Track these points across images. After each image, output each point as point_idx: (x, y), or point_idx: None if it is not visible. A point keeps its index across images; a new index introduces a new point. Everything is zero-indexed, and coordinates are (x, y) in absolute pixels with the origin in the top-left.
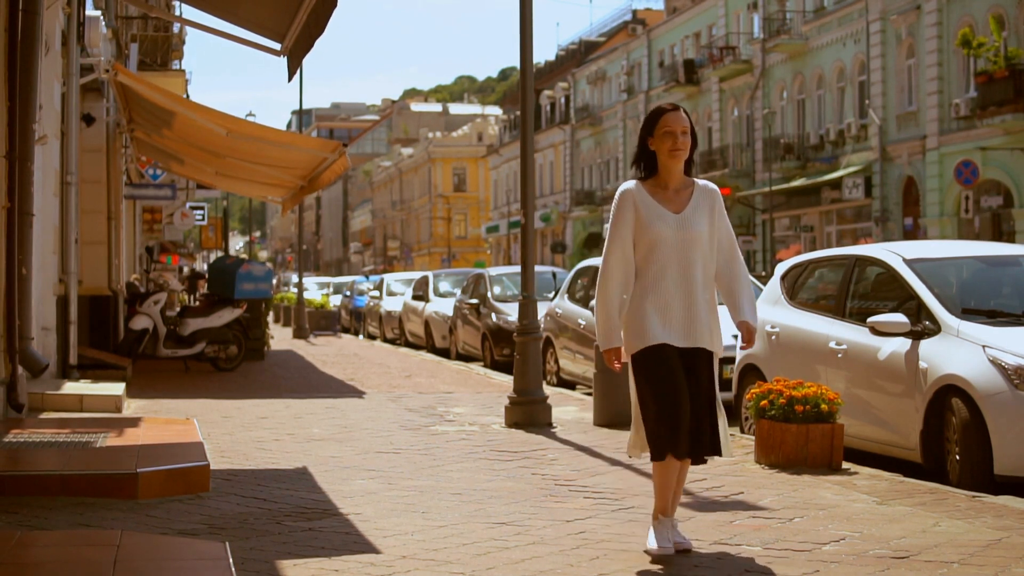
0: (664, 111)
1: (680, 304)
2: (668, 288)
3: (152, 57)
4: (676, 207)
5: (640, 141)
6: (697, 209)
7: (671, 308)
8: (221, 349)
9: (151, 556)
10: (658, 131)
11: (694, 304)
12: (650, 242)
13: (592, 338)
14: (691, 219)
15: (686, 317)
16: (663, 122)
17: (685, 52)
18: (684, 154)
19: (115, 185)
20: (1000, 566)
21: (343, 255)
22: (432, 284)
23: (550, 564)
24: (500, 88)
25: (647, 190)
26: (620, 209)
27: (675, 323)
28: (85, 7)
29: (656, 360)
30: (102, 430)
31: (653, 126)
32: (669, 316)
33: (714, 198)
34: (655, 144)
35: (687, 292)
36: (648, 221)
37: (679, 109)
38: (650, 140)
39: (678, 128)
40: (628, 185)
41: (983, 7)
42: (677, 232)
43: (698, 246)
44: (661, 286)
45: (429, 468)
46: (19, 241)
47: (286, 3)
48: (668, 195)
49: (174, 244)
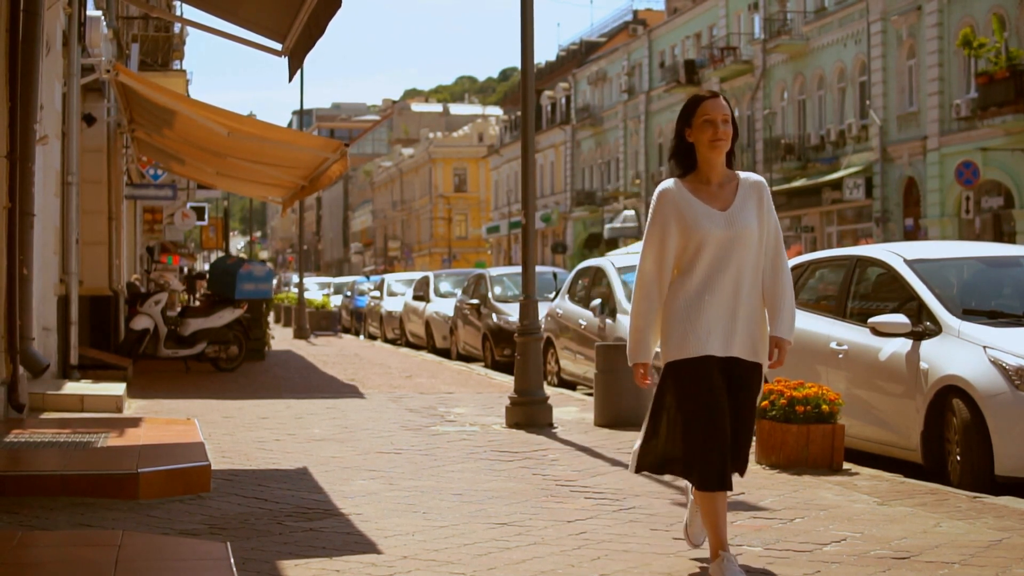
0: (702, 98)
1: (728, 309)
2: (716, 292)
3: (153, 57)
4: (722, 203)
5: (677, 134)
6: (745, 204)
7: (718, 314)
8: (222, 349)
9: (152, 556)
10: (697, 120)
11: (742, 309)
12: (697, 243)
13: (592, 338)
14: (739, 216)
15: (733, 324)
16: (702, 110)
17: (686, 52)
18: (726, 145)
19: (116, 185)
20: (1001, 567)
21: (344, 255)
22: (433, 284)
23: (551, 564)
24: (501, 88)
25: (688, 187)
26: (659, 211)
27: (721, 330)
28: (86, 7)
29: (699, 375)
30: (103, 430)
31: (691, 115)
32: (715, 323)
33: (761, 191)
34: (694, 135)
35: (735, 296)
36: (693, 221)
37: (718, 96)
38: (688, 131)
39: (718, 116)
40: (667, 184)
41: (984, 7)
42: (725, 231)
43: (748, 245)
44: (708, 290)
45: (430, 468)
46: (20, 241)
47: (287, 3)
48: (711, 191)
49: (175, 244)
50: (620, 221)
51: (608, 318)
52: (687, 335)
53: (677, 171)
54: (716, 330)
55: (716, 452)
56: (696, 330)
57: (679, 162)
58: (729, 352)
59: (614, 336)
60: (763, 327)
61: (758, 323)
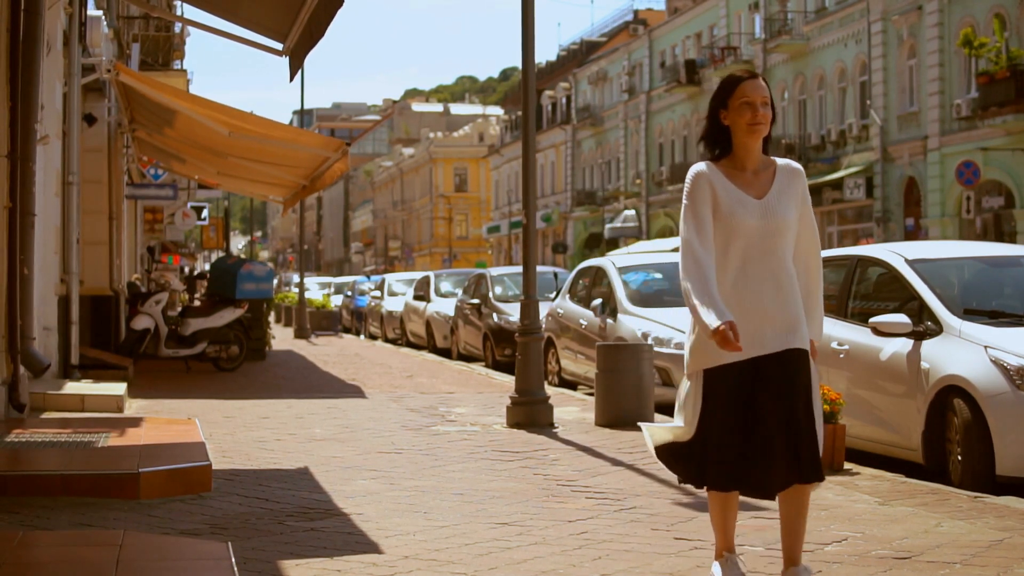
0: (740, 79)
1: (766, 302)
2: (751, 288)
3: (153, 57)
4: (757, 191)
5: (711, 115)
6: (782, 193)
7: (755, 311)
8: (222, 349)
9: (153, 556)
10: (734, 102)
11: (784, 300)
12: (729, 233)
13: (593, 338)
14: (776, 205)
15: (774, 319)
16: (740, 91)
17: (686, 52)
18: (764, 129)
19: (116, 185)
20: (1002, 567)
21: (344, 255)
22: (433, 284)
23: (552, 564)
24: (501, 88)
25: (722, 172)
26: (696, 190)
27: (760, 328)
28: (87, 7)
29: (728, 383)
30: (104, 430)
31: (728, 96)
32: (753, 321)
33: (800, 180)
34: (730, 118)
35: (776, 288)
36: (727, 209)
37: (757, 76)
38: (723, 113)
39: (757, 98)
40: (700, 167)
41: (984, 7)
42: (761, 221)
43: (784, 237)
44: (742, 286)
45: (431, 468)
46: (21, 241)
47: (287, 3)
48: (747, 178)
49: (175, 244)
50: (621, 221)
51: (609, 318)
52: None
53: (709, 155)
54: (757, 329)
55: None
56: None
57: (712, 145)
58: (779, 346)
59: (615, 336)
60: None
61: (797, 314)
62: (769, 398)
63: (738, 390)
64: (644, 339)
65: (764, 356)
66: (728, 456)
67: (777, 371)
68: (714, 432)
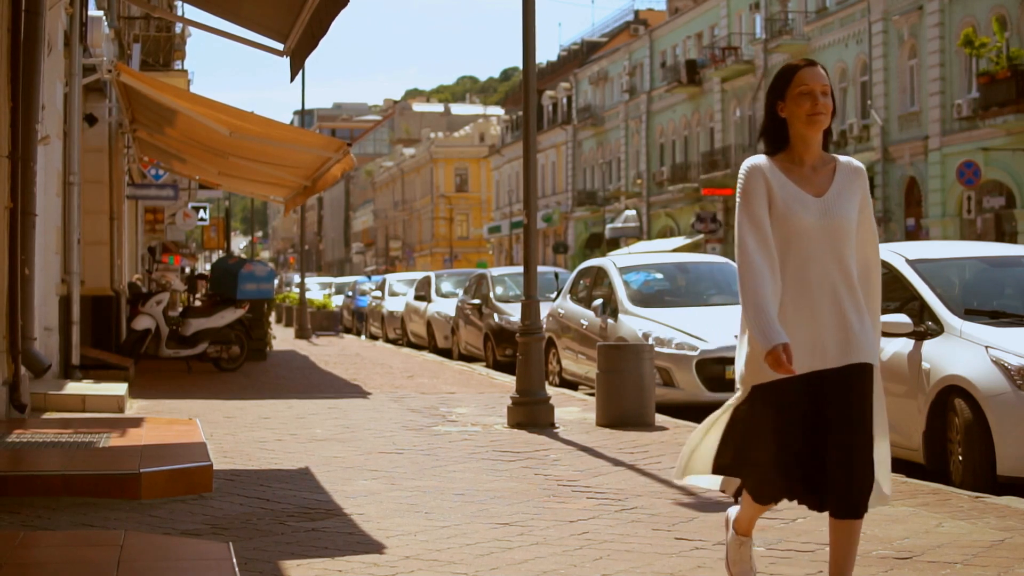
0: (798, 67)
1: (831, 311)
2: (811, 293)
3: (154, 57)
4: (817, 189)
5: (768, 107)
6: (843, 192)
7: (814, 320)
8: (223, 349)
9: (154, 556)
10: (792, 92)
11: (846, 309)
12: (787, 234)
13: (594, 338)
14: (836, 204)
15: (835, 329)
16: (798, 79)
17: (687, 52)
18: (825, 120)
19: (117, 185)
20: (1003, 567)
21: (345, 255)
22: (434, 284)
23: (553, 564)
24: (502, 88)
25: (779, 168)
26: (751, 185)
27: (819, 339)
28: (87, 7)
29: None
30: (105, 430)
31: (785, 86)
32: (812, 331)
33: (861, 179)
34: (787, 109)
35: (836, 295)
36: (785, 207)
37: (816, 64)
38: (780, 105)
39: (817, 86)
40: (757, 160)
41: (985, 7)
42: (821, 220)
43: (845, 238)
44: (800, 292)
45: (432, 468)
46: (22, 241)
47: (289, 3)
48: (805, 173)
49: (176, 244)
50: (621, 221)
51: (610, 318)
52: None
53: (767, 151)
54: (817, 340)
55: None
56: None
57: (770, 141)
58: (839, 360)
59: (616, 336)
60: (866, 323)
61: (863, 321)
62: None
63: (796, 405)
64: (645, 339)
65: (826, 370)
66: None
67: (839, 390)
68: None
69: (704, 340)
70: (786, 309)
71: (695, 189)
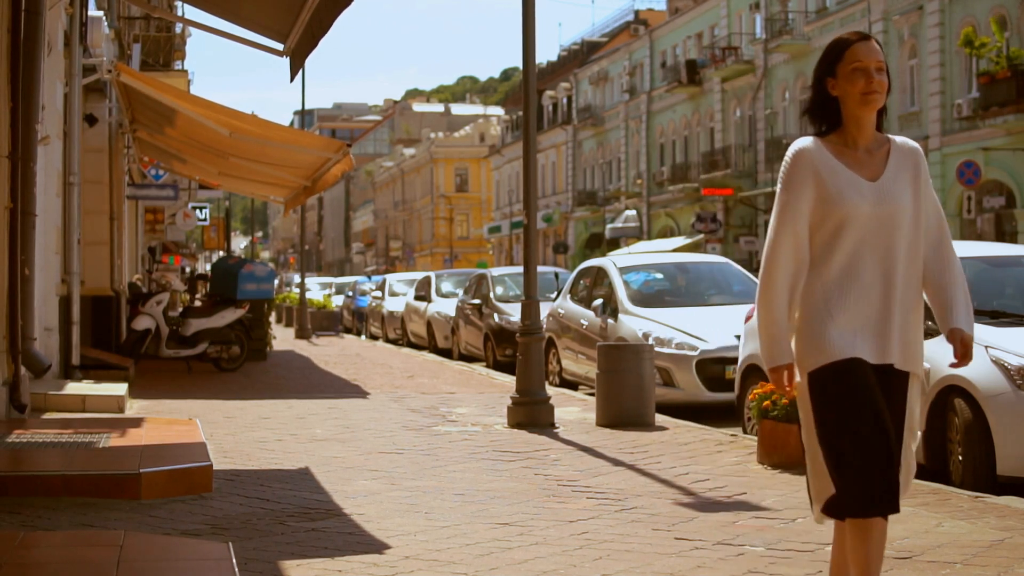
0: (850, 41)
1: (877, 305)
2: (863, 282)
3: (154, 57)
4: (871, 172)
5: (816, 85)
6: (898, 175)
7: (866, 310)
8: (223, 349)
9: (154, 557)
10: (844, 68)
11: (894, 305)
12: (840, 220)
13: (594, 338)
14: (891, 188)
15: (885, 323)
16: (851, 55)
17: (687, 52)
18: (880, 99)
19: (117, 185)
20: (1003, 567)
21: (345, 255)
22: (434, 284)
23: (553, 564)
24: (502, 88)
25: (830, 150)
26: (795, 175)
27: (870, 331)
28: (87, 7)
29: (849, 381)
30: (105, 430)
31: (836, 62)
32: (863, 320)
33: (918, 160)
34: (839, 87)
35: (887, 288)
36: (837, 191)
37: (870, 38)
38: (831, 82)
39: (872, 62)
40: (804, 143)
41: (985, 8)
42: (876, 206)
43: (901, 225)
44: (853, 280)
45: (432, 468)
46: (22, 241)
47: (289, 4)
48: (858, 156)
49: (176, 244)
50: (621, 221)
51: (610, 318)
52: (827, 335)
53: (815, 131)
54: (865, 331)
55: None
56: (840, 328)
57: (819, 119)
58: (883, 358)
59: (616, 336)
60: (919, 329)
61: (914, 324)
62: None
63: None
64: (645, 339)
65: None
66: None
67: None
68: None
69: (704, 340)
70: (837, 299)
71: (695, 189)
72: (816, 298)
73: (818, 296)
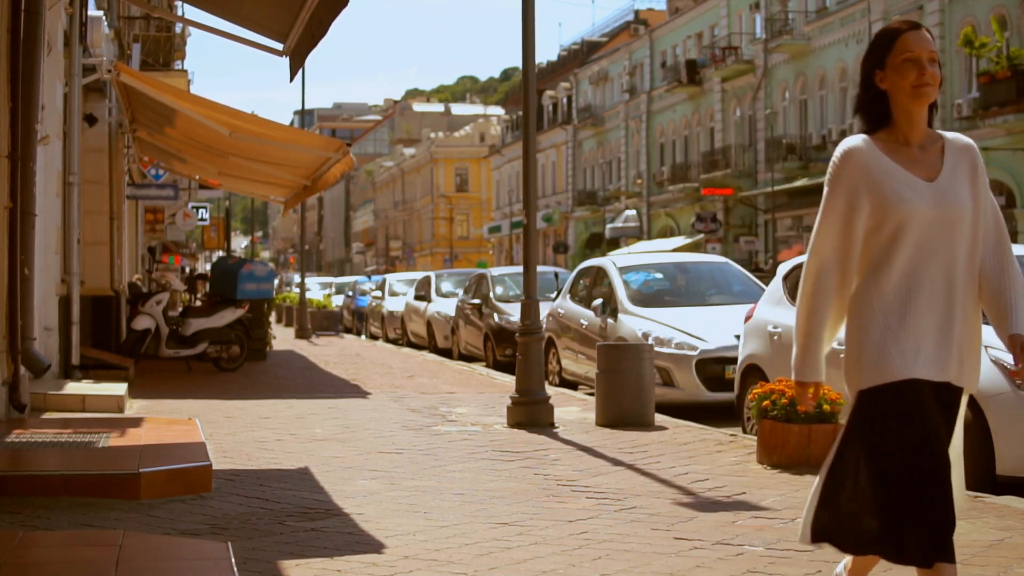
0: (900, 31)
1: (940, 317)
2: (925, 292)
3: (154, 57)
4: (927, 172)
5: (864, 79)
6: (955, 174)
7: (928, 323)
8: (223, 349)
9: (153, 556)
10: (894, 59)
11: (956, 316)
12: (897, 224)
13: (594, 338)
14: (950, 189)
15: (948, 336)
16: (901, 45)
17: (687, 52)
18: (933, 92)
19: (117, 185)
20: (1002, 567)
21: (345, 255)
22: (434, 284)
23: (552, 564)
24: (502, 88)
25: (882, 149)
26: (845, 176)
27: (933, 346)
28: (87, 7)
29: (908, 406)
30: (104, 430)
31: (885, 53)
32: (926, 335)
33: (975, 157)
34: (888, 80)
35: (949, 297)
36: (893, 193)
37: (921, 27)
38: (879, 75)
39: (924, 53)
40: (854, 142)
41: (985, 7)
42: (935, 208)
43: (960, 227)
44: (914, 289)
45: (431, 468)
46: (21, 241)
47: (288, 3)
48: (912, 154)
49: (176, 244)
50: (622, 221)
51: (610, 318)
52: (887, 351)
53: (865, 128)
54: (926, 345)
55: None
56: (900, 344)
57: (869, 116)
58: (943, 375)
59: (615, 336)
60: (977, 341)
61: (973, 336)
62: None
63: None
64: (645, 339)
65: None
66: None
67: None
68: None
69: (704, 340)
70: (897, 311)
71: (695, 189)
72: (873, 310)
73: (875, 308)
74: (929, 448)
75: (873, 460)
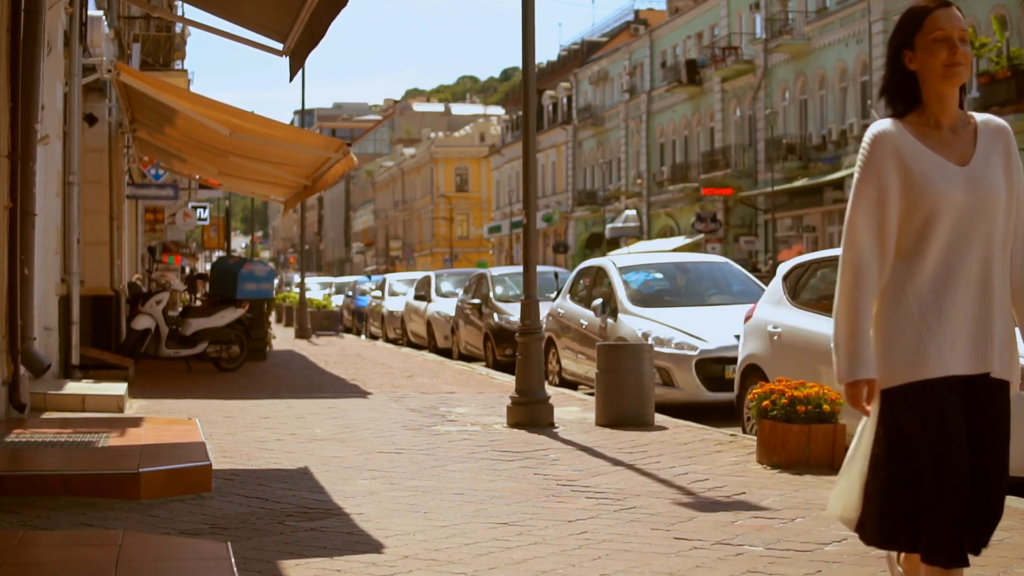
0: (929, 9)
1: (976, 306)
2: (960, 282)
3: (154, 57)
4: (959, 156)
5: (892, 59)
6: (989, 158)
7: (964, 313)
8: (223, 349)
9: (153, 556)
10: (923, 39)
11: (994, 305)
12: (929, 211)
13: (594, 338)
14: (984, 173)
15: (983, 327)
16: (931, 23)
17: (687, 52)
18: (965, 72)
19: (117, 185)
20: (1002, 567)
21: (345, 255)
22: (434, 284)
23: (552, 564)
24: (502, 88)
25: (912, 132)
26: (875, 161)
27: (969, 338)
28: (87, 7)
29: (936, 405)
30: (104, 430)
31: (914, 32)
32: (962, 328)
33: (1009, 140)
34: (917, 60)
35: (985, 287)
36: (923, 179)
37: (951, 5)
38: (908, 55)
39: (955, 31)
40: (883, 125)
41: (985, 8)
42: (968, 193)
43: (995, 215)
44: (949, 279)
45: (431, 468)
46: (21, 241)
47: (288, 3)
48: (944, 137)
49: (176, 244)
50: (622, 221)
51: (609, 318)
52: (924, 346)
53: (893, 111)
54: (963, 338)
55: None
56: (937, 338)
57: (896, 98)
58: (981, 367)
59: (615, 336)
60: (1014, 330)
61: (1010, 325)
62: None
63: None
64: (645, 339)
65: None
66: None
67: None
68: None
69: (704, 340)
70: (932, 303)
71: (695, 189)
72: (906, 301)
73: (908, 299)
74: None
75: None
